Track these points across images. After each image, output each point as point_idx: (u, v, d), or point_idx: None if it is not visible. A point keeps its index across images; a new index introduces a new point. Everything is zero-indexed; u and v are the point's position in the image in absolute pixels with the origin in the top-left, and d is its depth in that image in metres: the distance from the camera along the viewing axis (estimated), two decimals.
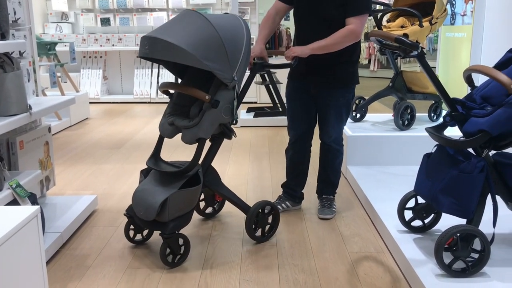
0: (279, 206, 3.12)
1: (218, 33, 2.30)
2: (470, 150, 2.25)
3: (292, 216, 3.10)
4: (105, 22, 8.00)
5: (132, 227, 2.71)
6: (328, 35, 2.69)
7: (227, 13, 2.77)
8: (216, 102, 2.36)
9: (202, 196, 3.02)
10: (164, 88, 2.54)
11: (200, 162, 2.51)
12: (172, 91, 2.59)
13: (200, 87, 2.41)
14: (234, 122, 2.53)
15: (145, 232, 2.75)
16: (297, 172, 3.16)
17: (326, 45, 2.69)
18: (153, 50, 2.26)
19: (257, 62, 2.73)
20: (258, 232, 2.73)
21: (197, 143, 2.44)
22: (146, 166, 2.61)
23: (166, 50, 2.24)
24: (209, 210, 3.09)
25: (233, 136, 2.56)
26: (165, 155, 2.70)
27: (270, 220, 2.76)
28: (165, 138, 2.61)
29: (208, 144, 2.57)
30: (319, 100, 2.94)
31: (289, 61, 2.75)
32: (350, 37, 2.69)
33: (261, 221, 2.71)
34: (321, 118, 2.99)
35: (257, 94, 7.54)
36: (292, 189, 3.19)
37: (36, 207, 1.50)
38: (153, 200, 2.38)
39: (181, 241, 2.48)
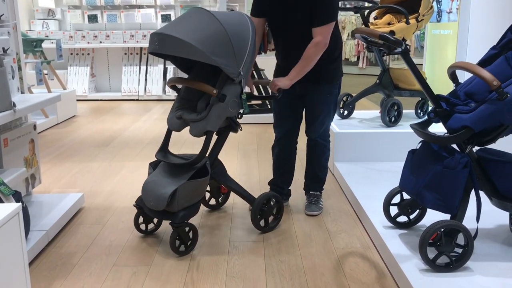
0: None
1: (224, 29, 2.38)
2: (454, 146, 2.27)
3: None
4: (93, 19, 7.94)
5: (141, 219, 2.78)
6: (303, 46, 2.72)
7: (233, 10, 2.82)
8: (223, 96, 2.44)
9: (208, 188, 3.06)
10: (172, 83, 2.65)
11: (208, 154, 2.61)
12: (179, 86, 2.69)
13: (207, 82, 2.50)
14: (240, 116, 2.62)
15: (151, 225, 2.83)
16: (284, 169, 3.18)
17: (302, 68, 2.74)
18: (163, 46, 2.36)
19: (246, 92, 2.71)
20: (262, 222, 2.82)
21: (204, 136, 2.52)
22: (132, 164, 2.61)
23: (175, 46, 2.33)
24: (212, 201, 3.16)
25: (239, 130, 2.65)
26: (173, 150, 2.74)
27: (274, 212, 2.86)
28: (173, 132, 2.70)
29: (214, 137, 2.66)
30: (307, 98, 2.96)
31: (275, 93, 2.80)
32: (319, 49, 2.71)
33: (266, 212, 2.80)
34: (309, 114, 3.01)
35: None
36: (279, 186, 3.20)
37: (17, 204, 1.49)
38: (163, 190, 2.46)
39: (189, 230, 2.57)
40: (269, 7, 2.84)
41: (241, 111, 2.58)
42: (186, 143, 4.63)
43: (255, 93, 3.43)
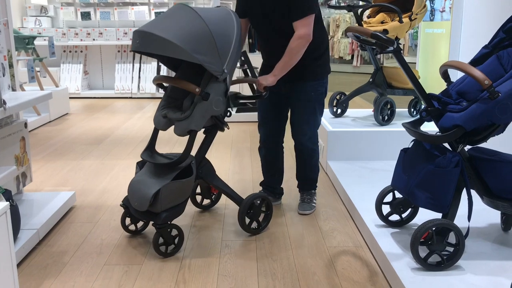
0: None
1: (207, 27, 2.33)
2: (446, 145, 2.27)
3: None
4: (86, 16, 7.89)
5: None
6: (286, 43, 2.67)
7: (219, 6, 2.77)
8: (207, 94, 2.39)
9: (199, 189, 3.08)
10: (157, 81, 2.61)
11: (195, 154, 2.59)
12: (166, 84, 2.65)
13: (193, 80, 2.46)
14: (229, 114, 2.59)
15: (140, 223, 2.81)
16: (273, 171, 3.17)
17: (286, 62, 2.68)
18: (144, 44, 2.32)
19: (230, 94, 2.65)
20: (254, 224, 2.77)
21: (189, 135, 2.49)
22: (125, 163, 2.60)
23: (156, 44, 2.29)
24: (206, 202, 3.14)
25: (225, 128, 2.61)
26: (164, 149, 2.70)
27: (264, 210, 2.80)
28: (161, 131, 2.67)
29: (202, 136, 2.64)
30: (290, 97, 2.91)
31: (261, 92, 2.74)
32: (301, 43, 2.66)
33: (255, 213, 2.75)
34: (293, 114, 2.95)
35: (239, 89, 7.50)
36: (271, 187, 3.20)
37: (5, 203, 1.47)
38: (147, 191, 2.43)
39: (174, 231, 2.53)
40: (249, 8, 2.81)
41: (230, 109, 2.56)
42: (179, 141, 4.61)
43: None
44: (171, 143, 4.55)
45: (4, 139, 2.80)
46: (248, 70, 2.83)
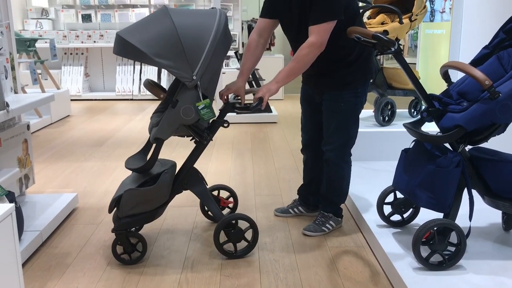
0: (290, 210, 3.06)
1: (176, 30, 2.20)
2: (447, 145, 2.28)
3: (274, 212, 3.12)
4: (86, 18, 7.91)
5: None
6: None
7: (214, 7, 2.67)
8: (175, 102, 2.27)
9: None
10: (145, 86, 2.51)
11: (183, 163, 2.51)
12: None
13: (176, 87, 2.38)
14: (226, 125, 2.48)
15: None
16: (309, 179, 3.00)
17: (291, 69, 2.48)
18: (117, 48, 2.24)
19: (229, 102, 2.54)
20: (230, 247, 2.54)
21: (156, 144, 2.41)
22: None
23: (122, 48, 2.21)
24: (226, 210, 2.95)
25: (206, 140, 2.46)
26: (167, 153, 2.69)
27: (247, 237, 2.54)
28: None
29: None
30: (322, 105, 2.72)
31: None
32: (311, 51, 2.44)
33: (234, 236, 2.51)
34: (323, 124, 2.74)
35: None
36: (303, 195, 3.05)
37: (11, 205, 1.49)
38: (116, 194, 2.43)
39: (135, 240, 2.49)
40: (278, 10, 2.62)
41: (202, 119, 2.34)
42: (189, 145, 4.63)
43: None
44: (174, 145, 4.56)
45: (7, 141, 2.82)
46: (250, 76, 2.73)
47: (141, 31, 2.22)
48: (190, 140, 2.52)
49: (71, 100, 6.90)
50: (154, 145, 2.43)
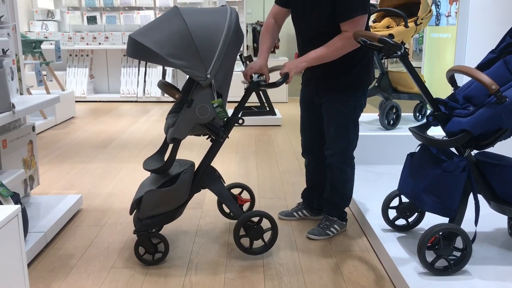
0: (294, 213, 3.05)
1: (188, 30, 2.21)
2: (453, 149, 2.27)
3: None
4: (92, 20, 7.94)
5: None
6: (319, 43, 2.48)
7: (224, 5, 2.63)
8: (190, 101, 2.29)
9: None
10: (158, 86, 2.51)
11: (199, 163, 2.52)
12: None
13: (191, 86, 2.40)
14: (241, 122, 2.49)
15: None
16: (312, 183, 2.99)
17: (323, 55, 2.47)
18: (129, 50, 2.26)
19: (253, 80, 2.56)
20: (247, 242, 2.55)
21: (173, 144, 2.42)
22: (131, 166, 2.59)
23: (135, 50, 2.22)
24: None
25: (223, 139, 2.48)
26: (186, 154, 2.68)
27: (266, 237, 2.56)
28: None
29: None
30: (322, 108, 2.72)
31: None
32: (347, 44, 2.44)
33: (253, 232, 2.53)
34: (324, 128, 2.74)
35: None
36: (307, 199, 3.04)
37: (17, 206, 1.49)
38: (136, 196, 2.44)
39: (156, 240, 2.50)
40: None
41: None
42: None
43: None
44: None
45: (12, 142, 2.82)
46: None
47: (153, 33, 2.23)
48: (206, 138, 2.53)
49: (76, 101, 6.92)
50: (171, 145, 2.45)
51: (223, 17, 2.31)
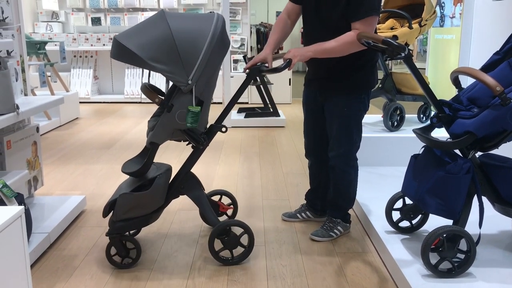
0: (298, 215, 3.04)
1: (172, 34, 2.19)
2: (457, 151, 2.27)
3: (281, 216, 3.11)
4: (96, 21, 7.96)
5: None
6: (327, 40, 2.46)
7: (212, 12, 2.63)
8: (171, 106, 2.27)
9: None
10: (141, 90, 2.51)
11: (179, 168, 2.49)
12: None
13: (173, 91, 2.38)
14: (224, 130, 2.47)
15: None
16: (315, 184, 2.98)
17: (331, 48, 2.44)
18: (112, 51, 2.25)
19: (254, 67, 2.54)
20: (227, 253, 2.51)
21: (151, 148, 2.41)
22: None
23: (118, 52, 2.21)
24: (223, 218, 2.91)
25: (201, 146, 2.44)
26: (171, 157, 2.68)
27: (241, 246, 2.52)
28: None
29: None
30: (325, 109, 2.70)
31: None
32: (356, 42, 2.40)
33: (229, 242, 2.49)
34: (327, 129, 2.73)
35: (248, 94, 7.55)
36: (311, 200, 3.03)
37: (20, 207, 1.49)
38: (111, 198, 2.43)
39: (130, 245, 2.48)
40: None
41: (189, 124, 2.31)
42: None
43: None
44: (177, 150, 4.57)
45: (17, 143, 2.83)
46: (260, 83, 2.74)
47: (137, 35, 2.22)
48: (187, 144, 2.50)
49: (80, 102, 6.95)
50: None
51: (209, 23, 2.28)
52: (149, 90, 2.35)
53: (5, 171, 2.68)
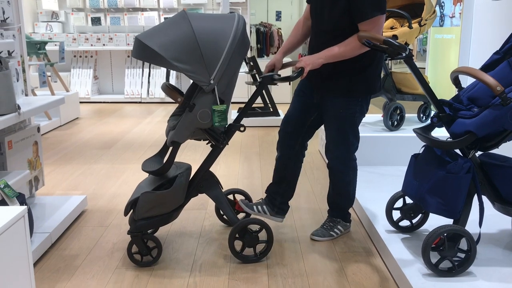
0: (254, 207, 2.81)
1: (194, 35, 2.23)
2: (457, 151, 2.27)
3: None
4: (96, 21, 7.97)
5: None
6: (331, 44, 2.46)
7: (233, 12, 2.63)
8: (192, 105, 2.30)
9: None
10: (162, 89, 2.52)
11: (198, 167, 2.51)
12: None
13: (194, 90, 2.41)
14: (242, 129, 2.50)
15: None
16: (279, 177, 2.82)
17: (341, 53, 2.43)
18: (135, 51, 2.27)
19: (266, 75, 2.54)
20: (247, 251, 2.54)
21: (172, 147, 2.43)
22: (135, 167, 2.60)
23: (141, 51, 2.24)
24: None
25: (222, 145, 2.48)
26: (186, 156, 2.69)
27: (262, 242, 2.54)
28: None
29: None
30: (321, 109, 2.67)
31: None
32: (363, 45, 2.39)
33: (248, 240, 2.51)
34: (325, 130, 2.73)
35: (248, 94, 7.55)
36: (272, 196, 2.83)
37: (23, 207, 1.50)
38: (132, 197, 2.45)
39: (151, 243, 2.50)
40: None
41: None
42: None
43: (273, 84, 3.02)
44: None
45: (18, 143, 2.84)
46: (256, 75, 2.76)
47: (160, 35, 2.24)
48: (207, 144, 2.54)
49: (80, 102, 6.95)
50: (170, 148, 2.45)
51: (230, 24, 2.31)
52: (171, 89, 2.39)
53: (7, 171, 2.69)
